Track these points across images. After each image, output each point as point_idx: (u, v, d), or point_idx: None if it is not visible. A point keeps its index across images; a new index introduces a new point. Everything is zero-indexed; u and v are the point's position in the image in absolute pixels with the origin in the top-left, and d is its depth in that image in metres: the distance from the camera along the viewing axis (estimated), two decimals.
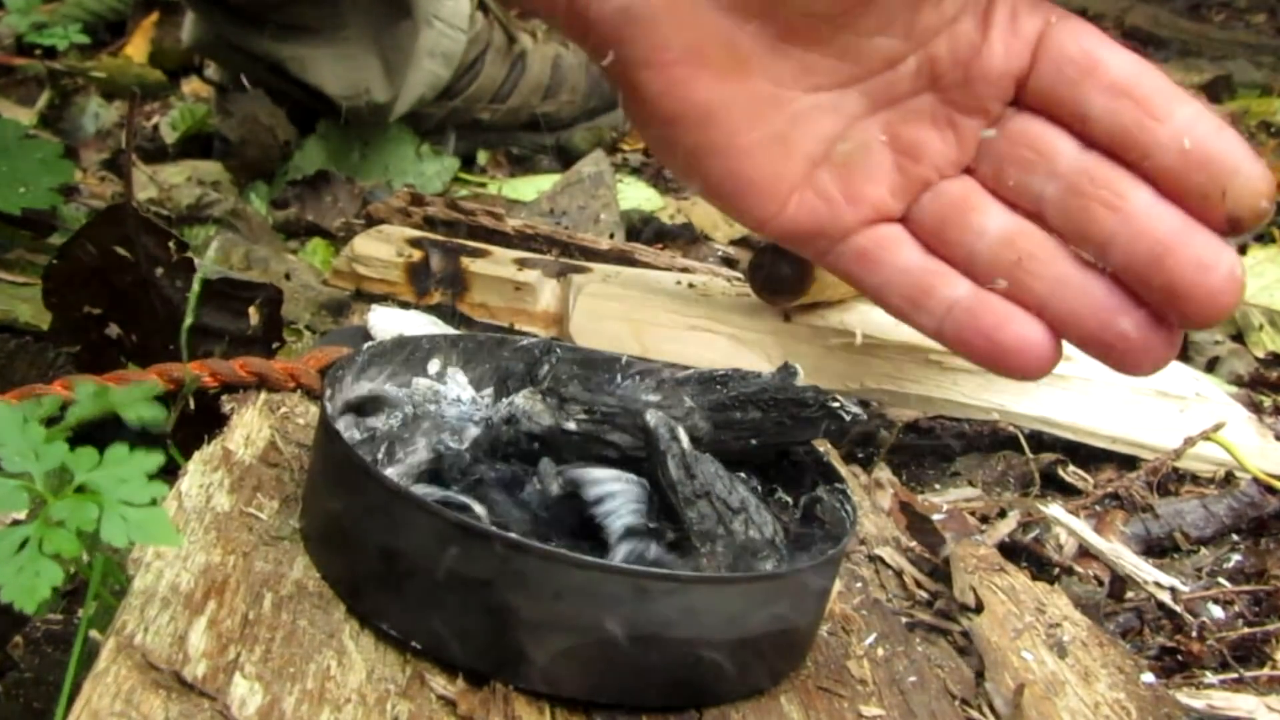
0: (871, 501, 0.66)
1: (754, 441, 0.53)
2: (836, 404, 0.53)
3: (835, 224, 0.61)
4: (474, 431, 0.54)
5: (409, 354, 0.57)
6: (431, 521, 0.43)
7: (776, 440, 0.54)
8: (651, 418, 0.48)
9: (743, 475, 0.53)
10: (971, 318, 0.59)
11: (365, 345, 0.56)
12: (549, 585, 0.42)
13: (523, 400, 0.50)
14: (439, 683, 0.43)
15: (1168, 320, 0.57)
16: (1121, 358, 0.58)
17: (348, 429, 0.53)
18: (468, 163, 1.32)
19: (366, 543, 0.45)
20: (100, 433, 0.46)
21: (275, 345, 0.71)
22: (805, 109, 0.60)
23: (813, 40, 0.58)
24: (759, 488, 0.54)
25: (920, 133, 0.60)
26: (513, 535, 0.44)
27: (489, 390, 0.58)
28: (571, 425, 0.49)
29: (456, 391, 0.57)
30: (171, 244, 0.67)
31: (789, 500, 0.54)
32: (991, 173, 0.60)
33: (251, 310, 0.69)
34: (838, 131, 0.60)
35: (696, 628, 0.44)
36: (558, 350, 0.59)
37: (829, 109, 0.60)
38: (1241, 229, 0.56)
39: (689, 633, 0.44)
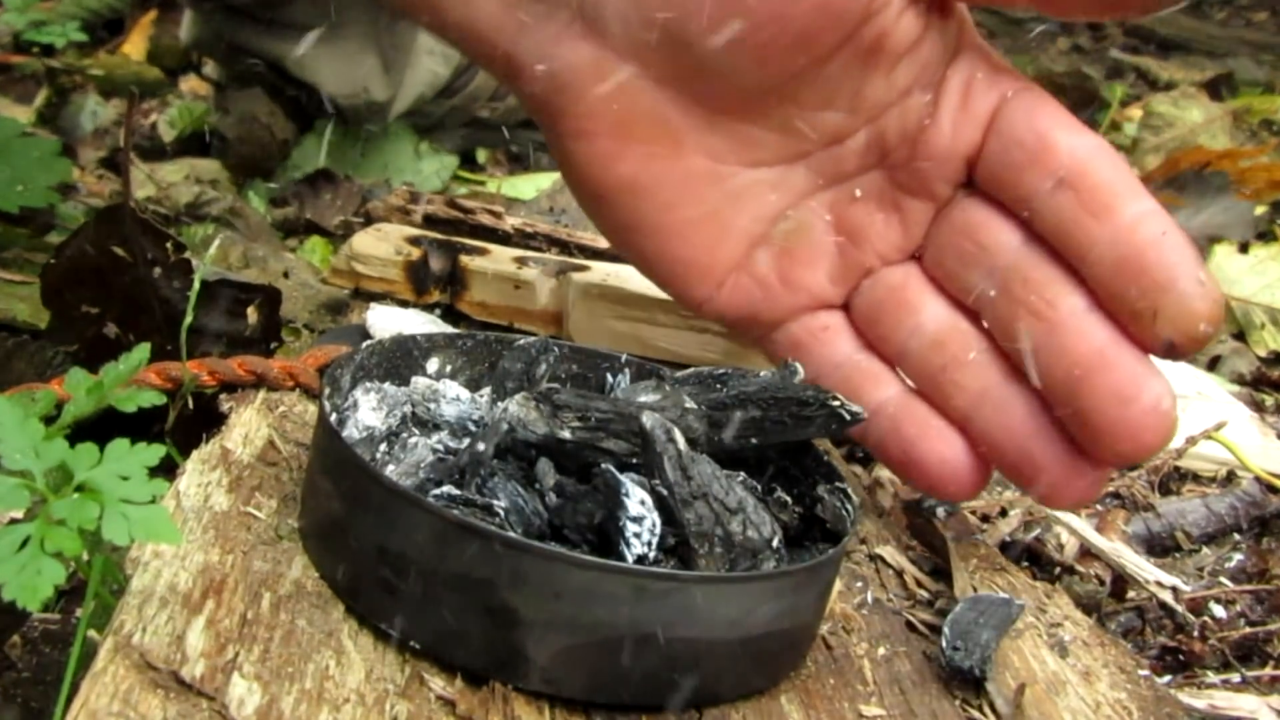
0: (872, 501, 0.66)
1: (754, 441, 0.53)
2: (837, 402, 0.52)
3: (771, 310, 0.58)
4: (473, 431, 0.54)
5: (407, 353, 0.57)
6: (430, 521, 0.43)
7: (777, 439, 0.53)
8: (647, 420, 0.47)
9: (742, 475, 0.53)
10: (894, 426, 0.55)
11: (364, 344, 0.56)
12: (549, 585, 0.42)
13: (516, 408, 0.49)
14: (438, 682, 0.43)
15: (1088, 452, 0.51)
16: (1035, 489, 0.53)
17: (346, 428, 0.53)
18: (467, 161, 1.32)
19: (365, 542, 0.45)
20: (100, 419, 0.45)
21: (274, 344, 0.71)
22: (745, 185, 0.56)
23: (752, 114, 0.54)
24: (758, 487, 0.54)
25: (865, 214, 0.56)
26: (512, 535, 0.44)
27: (487, 390, 0.58)
28: (566, 434, 0.49)
29: (455, 390, 0.56)
30: (169, 244, 0.66)
31: (789, 500, 0.54)
32: (935, 262, 0.55)
33: (250, 310, 0.69)
34: (779, 209, 0.56)
35: (696, 628, 0.44)
36: (555, 349, 0.59)
37: (771, 185, 0.56)
38: (1178, 354, 0.49)
39: (689, 633, 0.43)
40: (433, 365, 0.58)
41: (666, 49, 0.53)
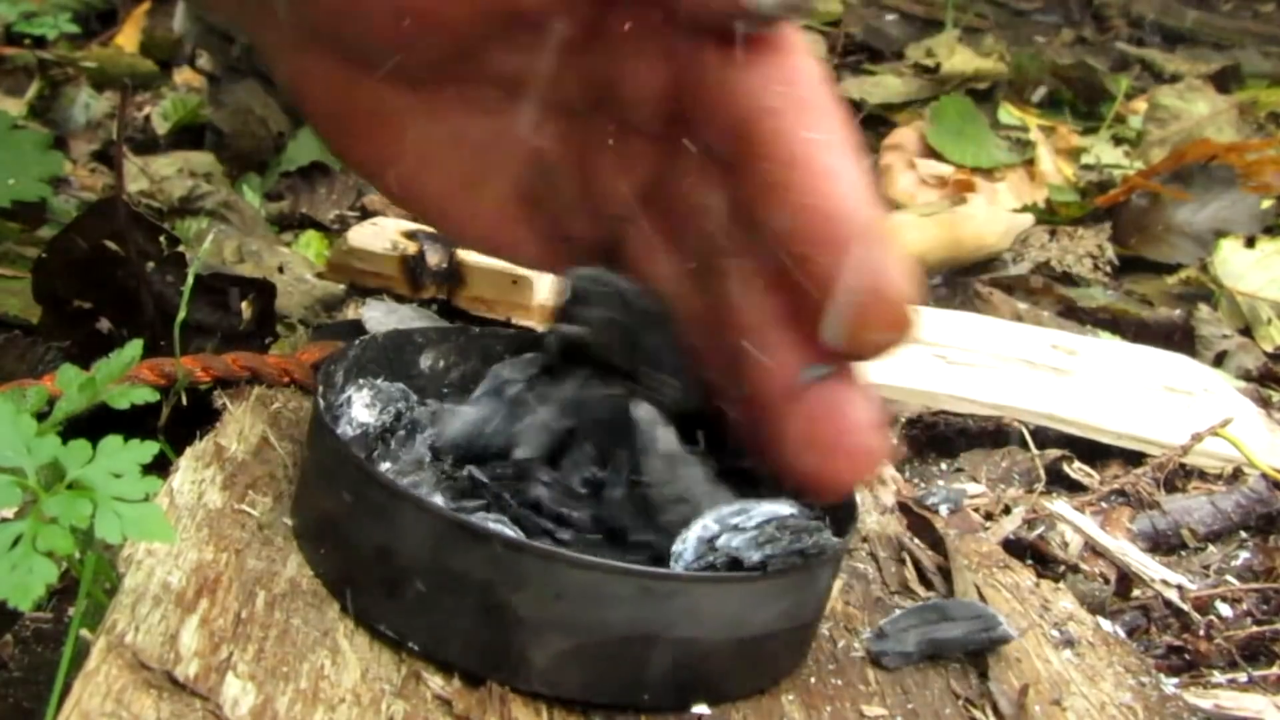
0: (874, 498, 0.66)
1: None
2: None
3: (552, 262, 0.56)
4: (466, 422, 0.53)
5: (402, 348, 0.56)
6: (428, 520, 0.42)
7: None
8: (638, 410, 0.47)
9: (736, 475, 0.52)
10: None
11: (359, 339, 0.55)
12: (548, 585, 0.41)
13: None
14: (435, 682, 0.43)
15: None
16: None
17: (340, 425, 0.52)
18: None
19: (361, 541, 0.44)
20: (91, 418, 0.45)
21: (268, 339, 0.70)
22: (483, 141, 0.55)
23: (452, 79, 0.53)
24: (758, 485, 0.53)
25: (601, 158, 0.53)
26: (511, 534, 0.43)
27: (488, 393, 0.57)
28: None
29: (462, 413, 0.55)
30: (163, 238, 0.66)
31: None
32: (659, 217, 0.52)
33: (244, 304, 0.68)
34: (523, 160, 0.55)
35: (697, 627, 0.43)
36: None
37: (508, 137, 0.54)
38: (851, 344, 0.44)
39: (689, 633, 0.43)
40: (427, 361, 0.57)
41: (331, 44, 0.53)
